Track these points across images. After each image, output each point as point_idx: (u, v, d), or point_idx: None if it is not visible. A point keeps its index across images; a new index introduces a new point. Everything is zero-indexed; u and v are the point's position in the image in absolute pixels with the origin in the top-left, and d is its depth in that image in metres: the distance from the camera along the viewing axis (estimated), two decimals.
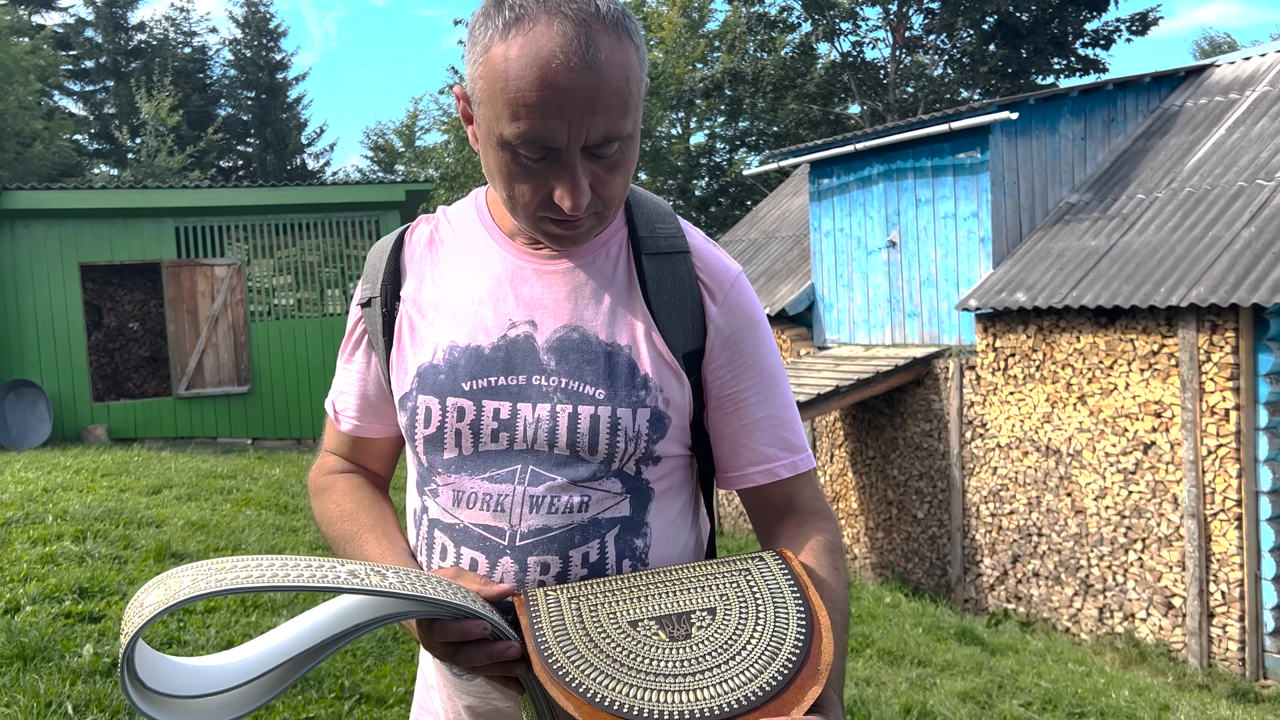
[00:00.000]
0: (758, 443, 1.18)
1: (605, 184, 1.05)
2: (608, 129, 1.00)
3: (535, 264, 1.16)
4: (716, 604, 1.05)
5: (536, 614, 1.03)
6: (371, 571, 0.98)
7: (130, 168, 24.90)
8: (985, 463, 9.07)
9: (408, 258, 1.22)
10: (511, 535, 1.10)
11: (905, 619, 6.21)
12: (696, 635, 1.01)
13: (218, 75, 31.00)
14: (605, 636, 1.00)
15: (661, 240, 1.17)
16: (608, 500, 1.12)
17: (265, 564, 0.94)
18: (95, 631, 4.10)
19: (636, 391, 1.11)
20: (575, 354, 1.12)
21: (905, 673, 4.83)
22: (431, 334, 1.16)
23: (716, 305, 1.16)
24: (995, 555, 9.02)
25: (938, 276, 9.90)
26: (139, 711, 0.93)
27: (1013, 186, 9.44)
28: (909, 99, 22.25)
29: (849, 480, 10.59)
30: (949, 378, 9.39)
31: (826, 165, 11.14)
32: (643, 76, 1.05)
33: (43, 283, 11.84)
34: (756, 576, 1.08)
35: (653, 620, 1.03)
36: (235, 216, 12.73)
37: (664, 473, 1.16)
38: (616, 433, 1.10)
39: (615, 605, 1.04)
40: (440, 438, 1.14)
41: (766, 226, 14.17)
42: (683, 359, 1.14)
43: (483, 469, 1.12)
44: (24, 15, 27.17)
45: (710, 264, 1.18)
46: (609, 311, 1.14)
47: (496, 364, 1.13)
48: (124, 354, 13.58)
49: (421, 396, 1.15)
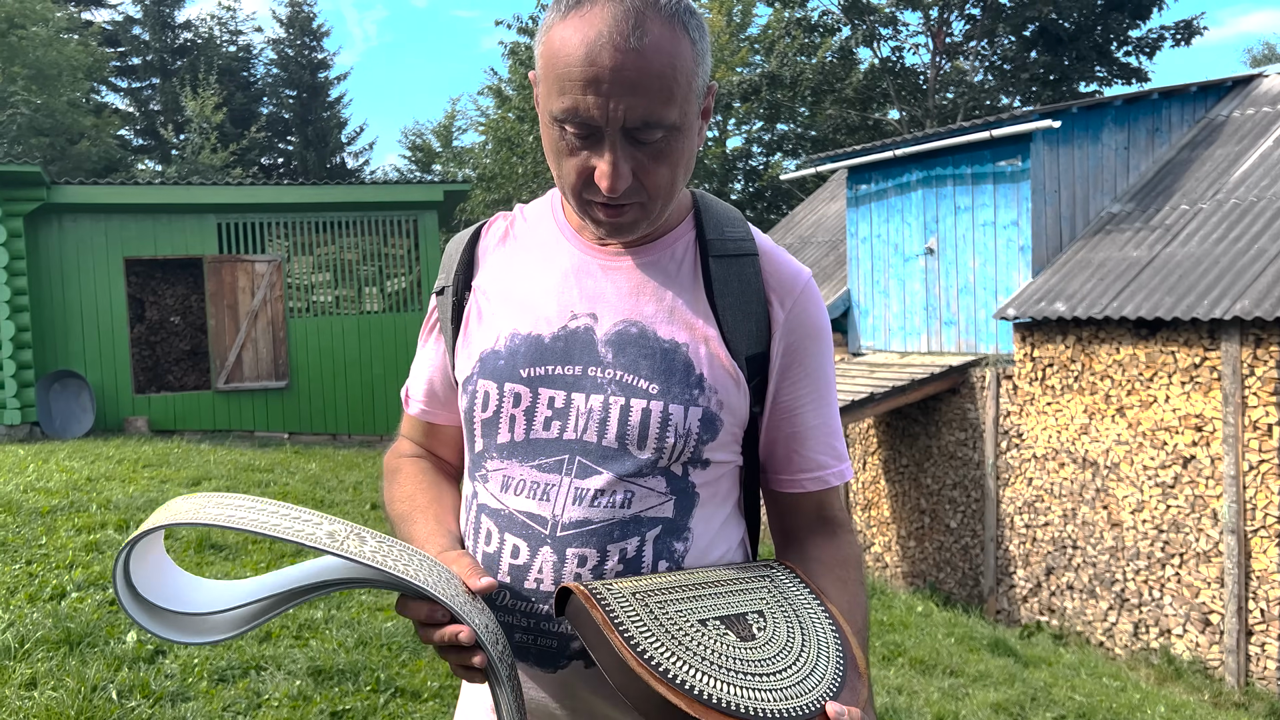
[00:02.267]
0: (812, 450, 1.20)
1: (648, 172, 1.06)
2: (648, 113, 1.02)
3: (601, 259, 1.19)
4: (762, 607, 1.07)
5: (610, 608, 1.02)
6: (351, 535, 1.01)
7: (174, 164, 25.28)
8: (1020, 473, 8.99)
9: (482, 250, 1.26)
10: (553, 525, 1.12)
11: (937, 629, 6.17)
12: (759, 637, 1.03)
13: (261, 74, 31.40)
14: (683, 633, 1.01)
15: (730, 243, 1.18)
16: (652, 499, 1.12)
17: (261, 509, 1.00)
18: None
19: (691, 390, 1.12)
20: (632, 348, 1.13)
21: (937, 682, 4.81)
22: (496, 321, 1.19)
23: (783, 311, 1.17)
24: (1029, 567, 8.94)
25: (976, 284, 9.83)
26: (127, 614, 1.03)
27: (1054, 195, 9.35)
28: (949, 105, 22.10)
29: (881, 488, 10.54)
30: (985, 387, 9.32)
31: (865, 171, 11.10)
32: (697, 72, 1.06)
33: (88, 276, 12.06)
34: (780, 583, 1.11)
35: (718, 620, 1.04)
36: (276, 214, 12.89)
37: (711, 478, 1.16)
38: (667, 428, 1.11)
39: (679, 604, 1.05)
40: (496, 422, 1.16)
41: (802, 231, 14.14)
42: (745, 362, 1.15)
43: (532, 456, 1.14)
44: (74, 12, 27.68)
45: (779, 269, 1.19)
46: (669, 309, 1.15)
47: (555, 353, 1.15)
48: (165, 347, 13.79)
49: (481, 380, 1.17)
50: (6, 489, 6.34)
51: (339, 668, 3.84)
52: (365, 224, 13.41)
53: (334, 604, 4.70)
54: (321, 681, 3.75)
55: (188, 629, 1.05)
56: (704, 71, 1.09)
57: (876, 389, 9.33)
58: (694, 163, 1.14)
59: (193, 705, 3.44)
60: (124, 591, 1.03)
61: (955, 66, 22.46)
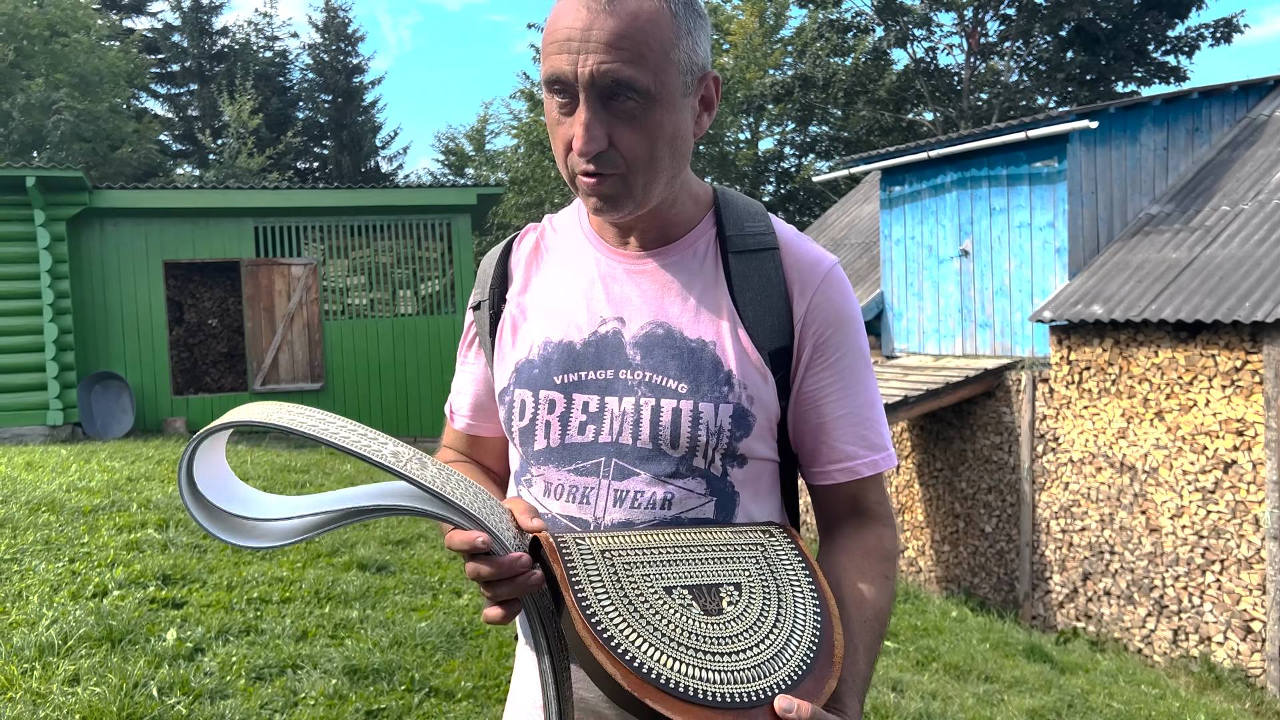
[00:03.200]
0: (839, 440, 1.18)
1: (623, 139, 1.07)
2: (614, 70, 1.03)
3: (625, 264, 1.20)
4: (741, 579, 1.04)
5: (573, 564, 1.00)
6: (414, 459, 1.02)
7: (212, 169, 25.63)
8: (1057, 478, 8.89)
9: (514, 263, 1.29)
10: (595, 528, 1.13)
11: (972, 634, 6.12)
12: (727, 611, 1.00)
13: (297, 79, 31.74)
14: (643, 600, 0.99)
15: (749, 238, 1.19)
16: (692, 500, 1.13)
17: (331, 421, 1.03)
18: (178, 617, 4.24)
19: (720, 387, 1.13)
20: (660, 349, 1.15)
21: (972, 688, 4.77)
22: (530, 332, 1.22)
23: (804, 301, 1.16)
24: (1065, 572, 8.84)
25: (1011, 287, 9.74)
26: (188, 511, 1.06)
27: (1090, 196, 9.25)
28: (983, 106, 21.92)
29: (915, 492, 10.46)
30: (1021, 390, 9.23)
31: (898, 172, 11.03)
32: (677, 44, 1.07)
33: (128, 279, 12.26)
34: (771, 554, 1.08)
35: (686, 589, 1.01)
36: (312, 217, 13.03)
37: (750, 476, 1.17)
38: (698, 426, 1.12)
39: (649, 566, 1.03)
40: (532, 430, 1.18)
41: (835, 233, 14.07)
42: (769, 356, 1.15)
43: (569, 461, 1.16)
44: (115, 20, 28.14)
45: (800, 260, 1.19)
46: (694, 309, 1.16)
47: (587, 359, 1.17)
48: (203, 349, 13.98)
49: (517, 390, 1.20)
50: (50, 488, 6.46)
51: (374, 667, 3.88)
52: (399, 227, 13.52)
53: (369, 604, 4.74)
54: (357, 681, 3.79)
55: (243, 532, 1.08)
56: (689, 48, 1.09)
57: (910, 392, 9.26)
58: (685, 145, 1.13)
59: (231, 703, 3.48)
60: (186, 489, 1.07)
61: (990, 67, 22.27)
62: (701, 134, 1.17)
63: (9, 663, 3.57)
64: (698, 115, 1.15)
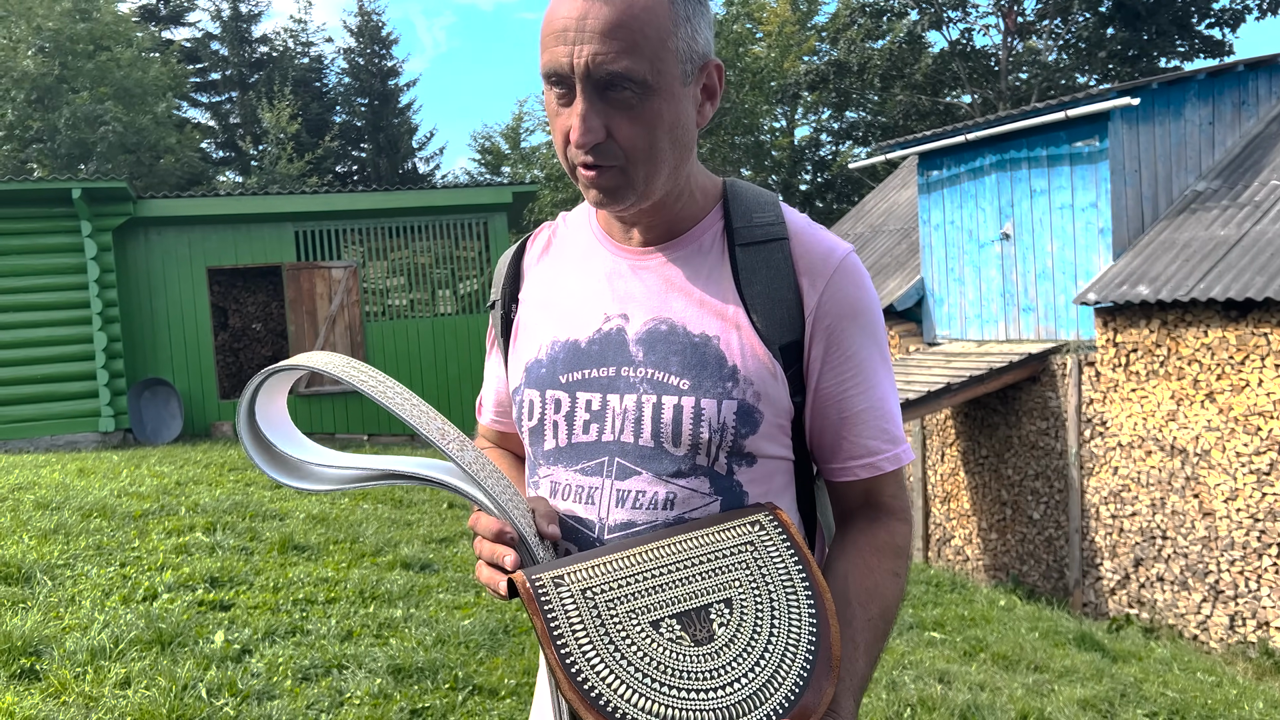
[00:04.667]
0: (860, 435, 1.15)
1: (620, 129, 1.05)
2: (610, 61, 1.01)
3: (631, 259, 1.18)
4: (731, 591, 1.01)
5: (553, 613, 0.97)
6: (457, 439, 1.06)
7: (254, 175, 25.98)
8: (1105, 462, 8.73)
9: (527, 263, 1.28)
10: (600, 528, 1.12)
11: (1020, 623, 6.03)
12: (719, 634, 0.97)
13: (333, 83, 32.07)
14: (629, 643, 0.95)
15: (756, 229, 1.15)
16: (695, 500, 1.10)
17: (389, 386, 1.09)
18: (225, 619, 4.30)
19: (724, 383, 1.10)
20: (662, 345, 1.13)
21: (1021, 678, 4.70)
22: (538, 331, 1.21)
23: (815, 293, 1.12)
24: (1116, 558, 8.68)
25: (1054, 269, 9.57)
26: (242, 445, 1.15)
27: (1134, 175, 9.06)
28: (1022, 86, 21.58)
29: (961, 480, 10.34)
30: (1067, 374, 9.08)
31: (936, 156, 10.89)
32: (675, 32, 1.05)
33: (173, 286, 12.47)
34: (762, 552, 1.04)
35: (674, 619, 0.98)
36: (351, 220, 13.16)
37: (759, 475, 1.13)
38: (700, 423, 1.09)
39: (634, 599, 0.99)
40: (541, 430, 1.18)
41: (873, 220, 13.94)
42: (780, 351, 1.11)
43: (575, 460, 1.15)
44: (155, 31, 28.61)
45: (811, 250, 1.14)
46: (699, 303, 1.13)
47: (591, 356, 1.15)
48: (248, 353, 14.18)
49: (526, 390, 1.19)
50: (101, 494, 6.58)
51: (418, 666, 3.90)
52: (436, 227, 13.61)
53: (412, 603, 4.78)
54: (401, 680, 3.82)
55: (292, 471, 1.15)
56: (688, 36, 1.07)
57: (953, 379, 9.15)
58: (687, 135, 1.11)
59: (277, 704, 3.52)
60: (245, 425, 1.13)
61: (1028, 46, 21.91)
62: (705, 123, 1.14)
63: (62, 667, 3.64)
64: (699, 104, 1.12)
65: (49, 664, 3.68)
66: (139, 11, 28.71)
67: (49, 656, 3.74)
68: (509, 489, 1.05)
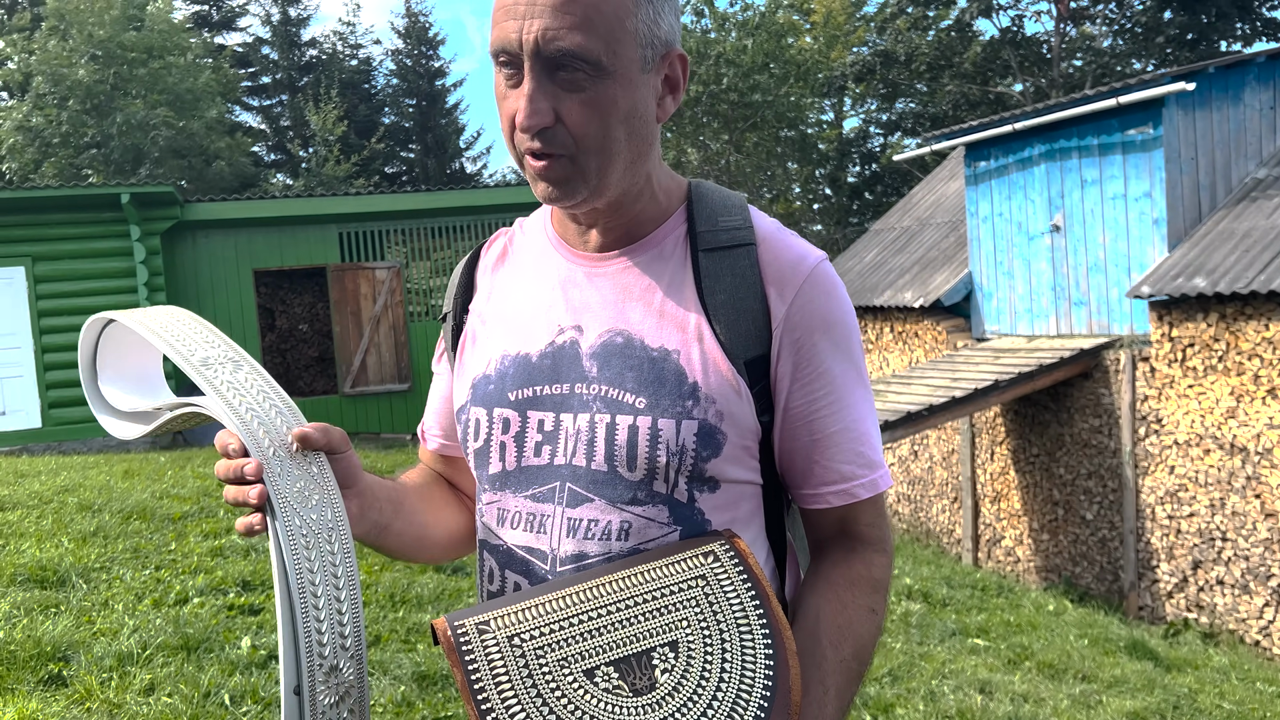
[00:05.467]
0: (833, 459, 1.05)
1: (571, 114, 0.96)
2: (560, 37, 0.93)
3: (586, 266, 1.09)
4: (678, 633, 0.92)
5: (474, 664, 0.89)
6: (225, 362, 1.03)
7: (302, 177, 26.32)
8: (1161, 461, 8.45)
9: (480, 271, 1.19)
10: (551, 559, 1.03)
11: (1069, 629, 5.83)
12: (661, 682, 0.89)
13: (381, 85, 32.38)
14: (561, 696, 0.87)
15: (722, 234, 1.05)
16: (653, 529, 1.01)
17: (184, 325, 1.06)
18: (254, 624, 4.30)
19: (683, 401, 1.00)
20: (618, 360, 1.03)
21: (1067, 689, 4.53)
22: (488, 345, 1.12)
23: (784, 304, 1.03)
24: (1173, 560, 8.40)
25: (1106, 262, 9.29)
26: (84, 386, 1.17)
27: (1190, 163, 8.75)
28: (1075, 74, 21.08)
29: (1011, 479, 10.09)
30: (1120, 370, 8.80)
31: (983, 147, 10.64)
32: (635, 13, 0.96)
33: (221, 288, 12.63)
34: (715, 588, 0.95)
35: (610, 666, 0.89)
36: (394, 221, 13.24)
37: (724, 502, 1.03)
38: (657, 445, 0.99)
39: (566, 645, 0.91)
40: (487, 451, 1.09)
41: (920, 213, 13.67)
42: (745, 366, 1.02)
43: (525, 486, 1.06)
44: (208, 38, 29.11)
45: (779, 256, 1.05)
46: (658, 314, 1.04)
47: (543, 372, 1.06)
48: (295, 354, 14.33)
49: (472, 408, 1.10)
50: (143, 496, 6.65)
51: (443, 673, 3.85)
52: (479, 227, 13.62)
53: (442, 607, 4.74)
54: (425, 687, 3.78)
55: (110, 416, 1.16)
56: (649, 19, 0.98)
57: (1002, 376, 8.92)
58: (645, 127, 1.01)
59: None
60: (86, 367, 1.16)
61: (1082, 32, 21.39)
62: (666, 118, 1.04)
63: (88, 672, 3.65)
64: (660, 96, 1.02)
65: (76, 669, 3.69)
66: (192, 18, 29.23)
67: (77, 662, 3.76)
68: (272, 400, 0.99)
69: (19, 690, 3.49)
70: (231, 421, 0.95)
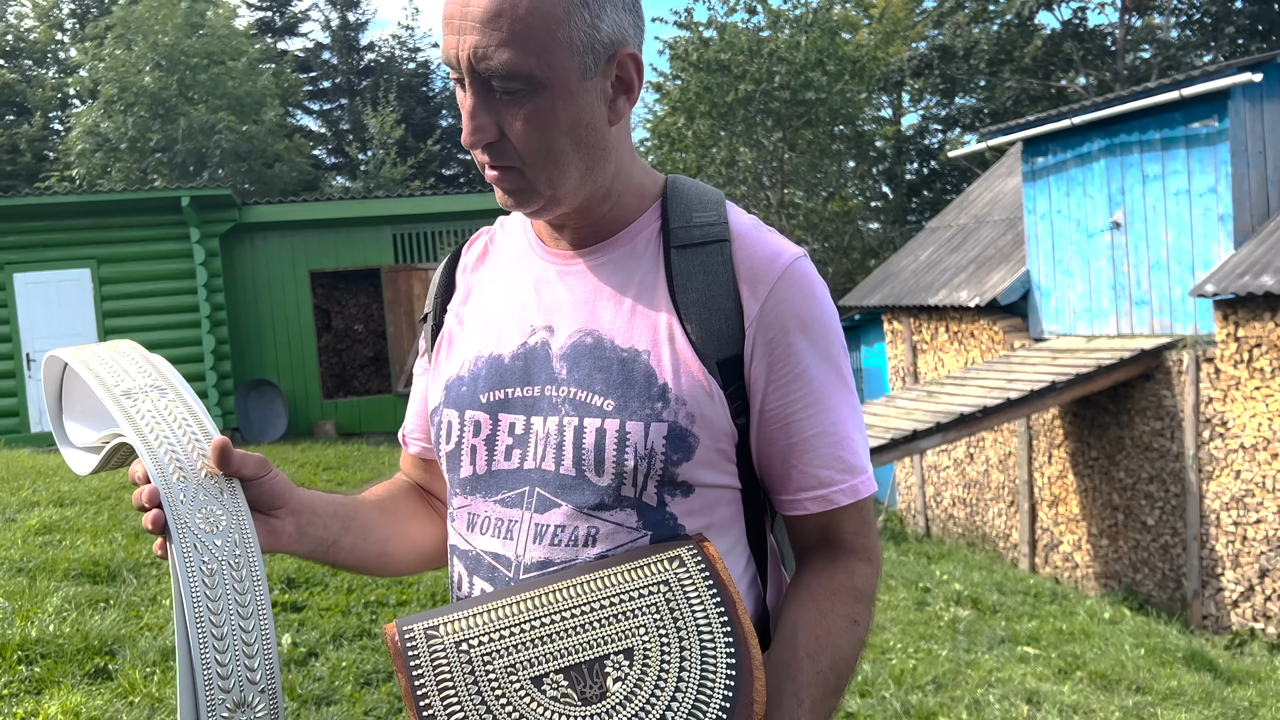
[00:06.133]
0: (810, 464, 1.01)
1: (513, 129, 0.95)
2: (489, 53, 0.92)
3: (559, 265, 1.07)
4: (634, 640, 0.89)
5: (419, 670, 0.87)
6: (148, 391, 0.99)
7: (360, 179, 26.71)
8: (1226, 465, 8.18)
9: (460, 271, 1.17)
10: (516, 566, 1.00)
11: (1125, 638, 5.66)
12: (613, 690, 0.86)
13: (439, 88, 32.74)
14: (506, 703, 0.85)
15: (694, 230, 1.02)
16: (621, 535, 0.98)
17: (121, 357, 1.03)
18: (296, 621, 4.34)
19: (652, 403, 0.97)
20: (586, 360, 1.01)
21: (1120, 700, 4.39)
22: (463, 346, 1.10)
23: (757, 302, 0.99)
24: (1240, 568, 8.13)
25: (1169, 259, 9.02)
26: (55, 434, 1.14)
27: (1258, 157, 8.45)
28: (1141, 67, 20.54)
29: (1069, 483, 9.85)
30: (1183, 371, 8.54)
31: (1041, 142, 10.40)
32: (569, 22, 0.93)
33: (278, 289, 12.86)
34: (677, 594, 0.92)
35: (560, 674, 0.87)
36: (446, 222, 13.36)
37: (698, 506, 1.00)
38: (625, 449, 0.97)
39: (515, 651, 0.89)
40: (458, 454, 1.06)
41: (977, 210, 13.42)
42: (717, 367, 0.99)
43: (495, 490, 1.03)
44: (270, 43, 29.70)
45: (754, 253, 1.01)
46: (628, 313, 1.01)
47: (515, 373, 1.04)
48: (350, 354, 14.53)
49: (445, 410, 1.08)
50: None
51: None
52: None
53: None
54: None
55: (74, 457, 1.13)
56: (587, 24, 0.94)
57: (1059, 377, 8.71)
58: (593, 134, 0.98)
59: (336, 709, 3.52)
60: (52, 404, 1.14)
61: (1147, 23, 20.84)
62: (620, 119, 1.01)
63: (133, 666, 3.71)
64: (610, 99, 0.99)
65: (121, 664, 3.76)
66: (256, 25, 29.84)
67: (122, 656, 3.83)
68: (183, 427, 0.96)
69: (65, 683, 3.56)
70: (140, 448, 0.93)
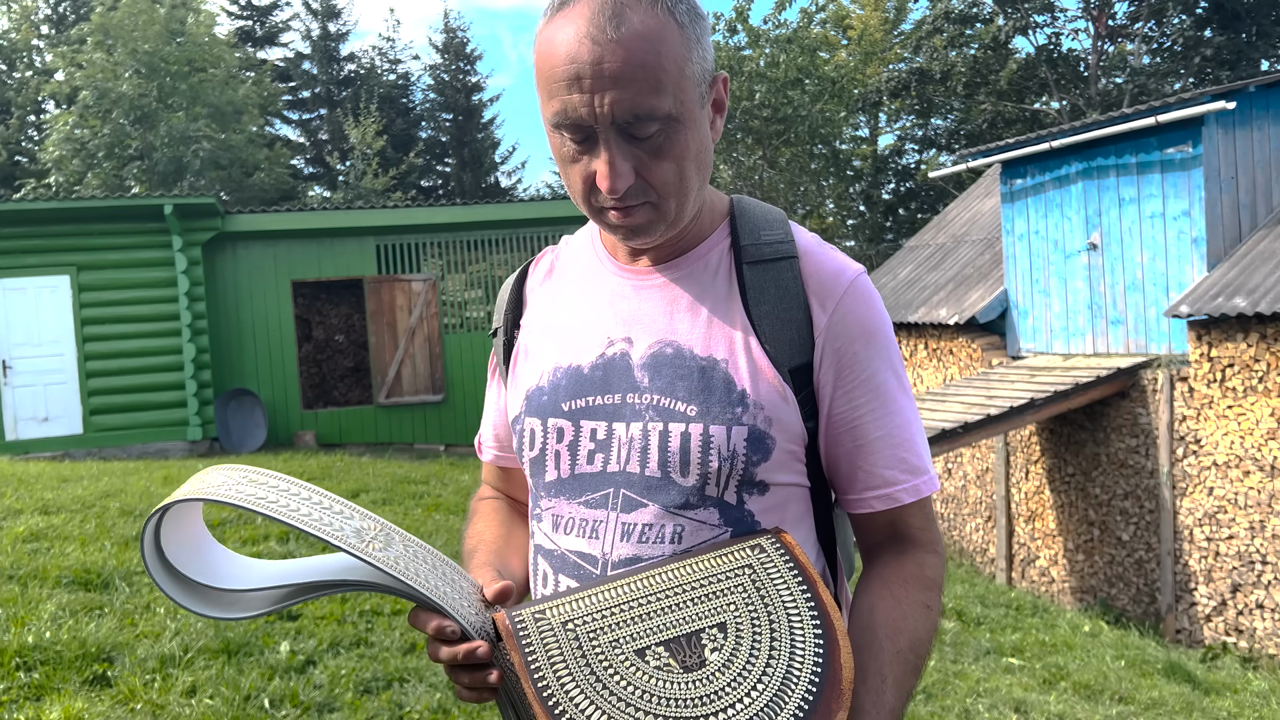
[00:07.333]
0: (875, 465, 1.09)
1: (650, 169, 1.01)
2: (636, 105, 0.97)
3: (634, 279, 1.14)
4: (726, 616, 0.96)
5: (531, 648, 0.93)
6: (378, 536, 0.96)
7: (340, 190, 26.64)
8: (1200, 482, 8.35)
9: (529, 288, 1.24)
10: (604, 564, 1.07)
11: (1105, 650, 5.77)
12: (711, 660, 0.92)
13: (419, 100, 32.73)
14: (614, 673, 0.91)
15: (765, 247, 1.10)
16: (705, 532, 1.05)
17: (294, 494, 0.96)
18: (292, 630, 4.36)
19: (732, 408, 1.05)
20: (668, 369, 1.08)
21: (1103, 710, 4.48)
22: (540, 358, 1.17)
23: (825, 314, 1.07)
24: (1212, 583, 8.28)
25: (1144, 281, 9.21)
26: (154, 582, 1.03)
27: (1230, 182, 8.67)
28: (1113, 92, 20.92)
29: (1046, 499, 10.00)
30: (1158, 390, 8.71)
31: (1020, 164, 10.59)
32: (690, 57, 1.00)
33: (259, 299, 12.81)
34: (761, 575, 0.99)
35: (661, 646, 0.93)
36: (430, 234, 13.37)
37: (772, 504, 1.08)
38: (709, 451, 1.04)
39: (618, 629, 0.95)
40: (542, 460, 1.13)
41: (955, 230, 13.62)
42: (790, 374, 1.06)
43: (579, 493, 1.10)
44: (250, 52, 29.58)
45: (821, 269, 1.09)
46: (705, 324, 1.08)
47: (595, 383, 1.11)
48: (330, 365, 14.48)
49: (527, 419, 1.15)
50: None
51: None
52: (514, 241, 13.74)
53: None
54: None
55: (214, 603, 1.04)
56: (700, 58, 1.02)
57: (1037, 394, 8.85)
58: (709, 156, 1.06)
59: (337, 716, 3.54)
60: (153, 559, 1.01)
61: (1119, 50, 21.24)
62: (718, 138, 1.10)
63: (132, 674, 3.72)
64: (712, 121, 1.08)
65: (120, 670, 3.76)
66: (236, 33, 29.73)
67: (121, 663, 3.83)
68: (447, 574, 0.98)
69: (65, 690, 3.57)
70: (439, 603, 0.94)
